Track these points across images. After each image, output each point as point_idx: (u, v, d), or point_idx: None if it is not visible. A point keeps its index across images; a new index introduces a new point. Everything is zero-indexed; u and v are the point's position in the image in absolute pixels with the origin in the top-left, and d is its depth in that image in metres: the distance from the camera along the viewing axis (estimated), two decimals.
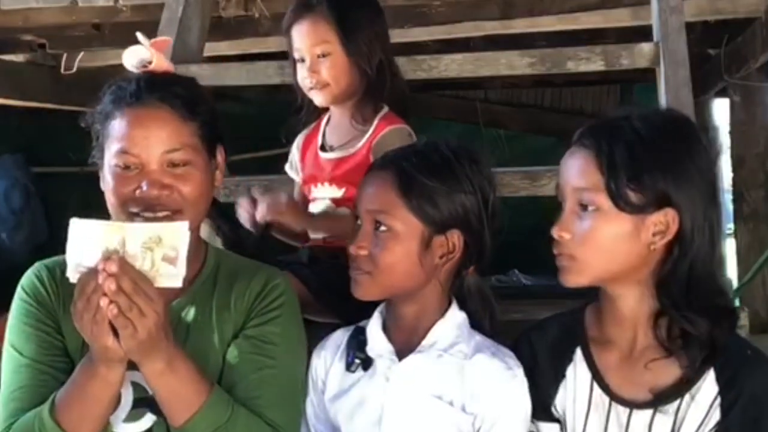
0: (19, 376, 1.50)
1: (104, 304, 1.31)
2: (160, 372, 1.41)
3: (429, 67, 2.49)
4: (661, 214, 1.45)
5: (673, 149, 1.47)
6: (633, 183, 1.45)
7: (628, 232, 1.46)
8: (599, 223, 1.47)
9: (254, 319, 1.55)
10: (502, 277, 4.91)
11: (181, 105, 1.52)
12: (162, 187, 1.49)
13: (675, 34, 2.33)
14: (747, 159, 4.33)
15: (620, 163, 1.45)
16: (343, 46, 2.07)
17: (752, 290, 4.13)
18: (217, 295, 1.58)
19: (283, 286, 1.60)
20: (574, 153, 1.52)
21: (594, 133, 1.51)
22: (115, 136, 1.52)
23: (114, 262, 1.32)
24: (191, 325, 1.55)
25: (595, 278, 1.52)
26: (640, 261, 1.48)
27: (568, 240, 1.50)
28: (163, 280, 1.36)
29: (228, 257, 1.66)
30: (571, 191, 1.50)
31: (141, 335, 1.34)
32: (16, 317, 1.55)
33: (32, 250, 5.10)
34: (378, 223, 1.63)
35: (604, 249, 1.48)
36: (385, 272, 1.63)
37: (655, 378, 1.50)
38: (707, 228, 1.47)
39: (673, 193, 1.45)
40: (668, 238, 1.47)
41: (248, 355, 1.53)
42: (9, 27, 3.49)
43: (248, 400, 1.49)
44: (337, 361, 1.68)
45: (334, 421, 1.67)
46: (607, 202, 1.46)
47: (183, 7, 2.48)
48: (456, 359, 1.61)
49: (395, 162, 1.67)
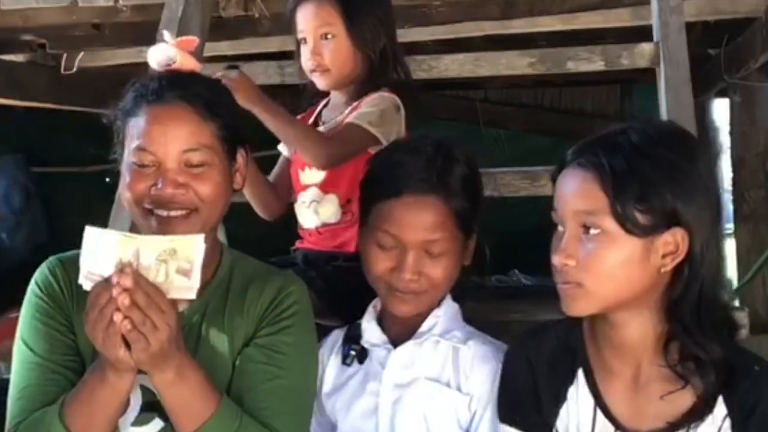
0: (29, 373, 1.50)
1: (118, 319, 1.31)
2: (170, 382, 1.40)
3: (429, 67, 2.49)
4: (670, 234, 1.38)
5: (679, 165, 1.39)
6: (640, 203, 1.36)
7: (637, 256, 1.38)
8: (606, 248, 1.38)
9: (266, 328, 1.54)
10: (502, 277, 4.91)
11: (202, 105, 1.51)
12: (178, 185, 1.48)
13: (675, 34, 2.33)
14: (747, 159, 4.31)
15: (626, 183, 1.36)
16: (346, 29, 2.06)
17: (752, 290, 4.12)
18: (231, 301, 1.56)
19: (297, 293, 1.58)
20: (571, 173, 1.43)
21: (592, 151, 1.41)
22: (134, 134, 1.51)
23: (128, 275, 1.31)
24: (203, 329, 1.55)
25: (604, 306, 1.43)
26: (650, 285, 1.41)
27: (573, 267, 1.41)
28: (177, 292, 1.36)
29: (243, 261, 1.64)
30: (572, 215, 1.41)
31: (153, 348, 1.33)
32: (28, 311, 1.55)
33: (32, 250, 5.10)
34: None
35: (613, 275, 1.39)
36: (440, 289, 1.66)
37: (664, 407, 1.43)
38: (715, 245, 1.40)
39: (681, 212, 1.37)
40: (679, 259, 1.39)
41: (258, 365, 1.51)
42: (9, 27, 3.49)
43: (257, 411, 1.48)
44: (333, 358, 1.71)
45: (331, 416, 1.68)
46: (613, 225, 1.37)
47: (183, 7, 2.48)
48: (451, 344, 1.64)
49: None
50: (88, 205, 5.00)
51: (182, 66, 1.57)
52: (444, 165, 1.64)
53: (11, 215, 5.30)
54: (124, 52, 3.92)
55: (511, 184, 2.27)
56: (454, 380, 1.62)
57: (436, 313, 1.67)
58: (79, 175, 5.36)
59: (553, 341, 1.52)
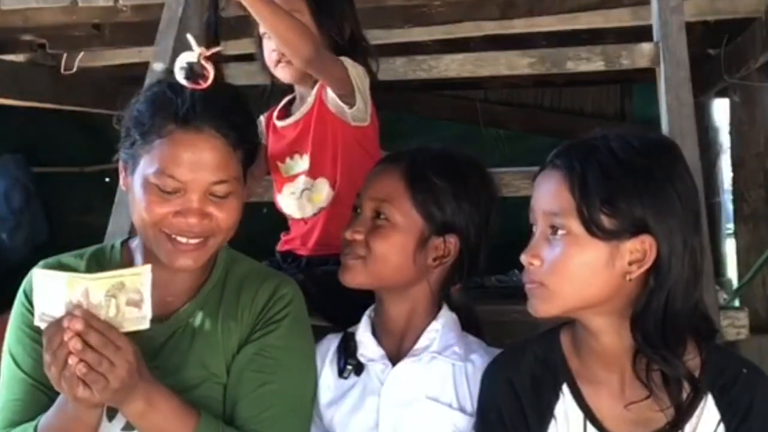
0: (15, 387, 1.50)
1: (73, 362, 1.29)
2: (142, 412, 1.38)
3: (429, 67, 2.49)
4: (638, 242, 1.35)
5: (653, 173, 1.36)
6: (606, 207, 1.34)
7: (601, 260, 1.36)
8: (571, 250, 1.37)
9: (257, 332, 1.52)
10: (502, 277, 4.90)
11: (235, 136, 1.47)
12: (203, 216, 1.45)
13: (675, 34, 2.32)
14: (747, 159, 4.32)
15: (593, 185, 1.35)
16: (313, 17, 2.01)
17: (752, 290, 4.12)
18: (225, 303, 1.55)
19: (290, 296, 1.56)
20: (545, 174, 1.42)
21: (567, 154, 1.41)
22: (158, 155, 1.44)
23: (78, 319, 1.28)
24: (197, 331, 1.53)
25: (567, 308, 1.41)
26: (615, 291, 1.38)
27: (538, 266, 1.40)
28: (130, 324, 1.34)
29: (240, 261, 1.62)
30: (542, 215, 1.41)
31: (114, 385, 1.31)
32: (15, 321, 1.54)
33: (32, 250, 5.10)
34: (378, 212, 1.63)
35: (575, 277, 1.37)
36: (378, 261, 1.63)
37: (649, 415, 1.41)
38: (688, 257, 1.37)
39: (650, 220, 1.34)
40: (646, 267, 1.36)
41: (249, 372, 1.50)
42: (9, 27, 3.49)
43: (248, 420, 1.48)
44: (328, 367, 1.67)
45: (329, 428, 1.66)
46: (578, 227, 1.36)
47: (183, 7, 2.48)
48: (450, 360, 1.61)
49: (408, 157, 1.67)
50: (88, 205, 5.01)
51: (210, 83, 1.47)
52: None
53: (11, 215, 5.29)
54: (124, 52, 3.93)
55: (511, 184, 2.26)
56: (456, 400, 1.59)
57: (434, 326, 1.64)
58: (79, 175, 5.36)
59: (531, 360, 1.49)
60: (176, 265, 1.48)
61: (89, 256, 1.59)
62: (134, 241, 1.61)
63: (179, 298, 1.54)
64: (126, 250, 1.60)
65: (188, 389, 1.48)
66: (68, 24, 3.49)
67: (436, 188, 1.62)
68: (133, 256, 1.58)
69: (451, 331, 1.64)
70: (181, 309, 1.53)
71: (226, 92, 1.53)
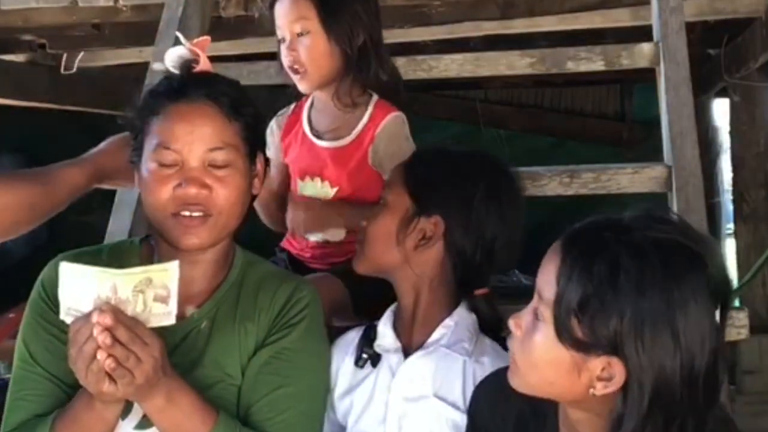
0: (28, 381, 1.49)
1: (102, 358, 1.29)
2: (161, 408, 1.38)
3: (429, 67, 2.49)
4: (605, 361, 1.19)
5: (652, 294, 1.17)
6: (582, 314, 1.19)
7: (564, 365, 1.22)
8: (540, 340, 1.25)
9: (274, 335, 1.51)
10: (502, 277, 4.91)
11: (228, 104, 1.49)
12: (201, 186, 1.46)
13: (675, 34, 2.32)
14: (747, 159, 4.33)
15: (574, 286, 1.19)
16: (322, 24, 1.99)
17: (752, 290, 4.13)
18: (242, 304, 1.54)
19: (307, 299, 1.55)
20: (550, 252, 1.29)
21: (571, 240, 1.26)
22: (156, 132, 1.48)
23: (108, 314, 1.28)
24: (212, 332, 1.52)
25: (533, 392, 1.31)
26: (581, 398, 1.25)
27: (518, 338, 1.30)
28: (156, 320, 1.34)
29: (257, 265, 1.61)
30: (536, 290, 1.29)
31: (139, 381, 1.31)
32: (31, 312, 1.53)
33: (32, 250, 5.09)
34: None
35: (539, 370, 1.26)
36: (369, 243, 1.67)
37: None
38: (681, 386, 1.17)
39: (626, 344, 1.17)
40: (612, 389, 1.19)
41: (265, 375, 1.50)
42: (9, 27, 3.49)
43: (262, 423, 1.47)
44: (348, 359, 1.68)
45: (342, 420, 1.66)
46: (551, 322, 1.23)
47: (183, 7, 2.48)
48: (461, 357, 1.61)
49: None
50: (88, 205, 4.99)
51: (202, 67, 1.55)
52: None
53: None
54: (124, 52, 3.93)
55: None
56: (462, 400, 1.58)
57: (447, 322, 1.63)
58: None
59: (521, 402, 1.37)
60: (183, 244, 1.48)
61: (109, 251, 1.60)
62: (153, 239, 1.61)
63: (197, 297, 1.54)
64: (146, 247, 1.61)
65: (202, 389, 1.47)
66: (68, 24, 3.49)
67: (428, 170, 1.67)
68: (152, 252, 1.59)
69: (465, 329, 1.64)
70: (196, 310, 1.53)
71: (217, 74, 1.57)
